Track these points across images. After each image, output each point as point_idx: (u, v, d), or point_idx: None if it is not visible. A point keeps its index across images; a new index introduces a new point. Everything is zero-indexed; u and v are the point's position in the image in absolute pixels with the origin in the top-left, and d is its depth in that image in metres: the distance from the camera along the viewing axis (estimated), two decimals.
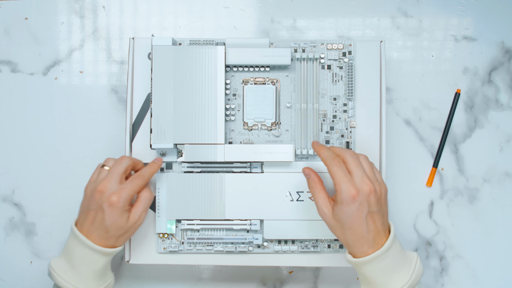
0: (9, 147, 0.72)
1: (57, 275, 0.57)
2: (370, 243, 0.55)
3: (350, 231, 0.56)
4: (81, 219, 0.59)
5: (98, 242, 0.58)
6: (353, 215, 0.55)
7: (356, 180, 0.56)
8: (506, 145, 0.72)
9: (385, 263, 0.55)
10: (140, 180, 0.60)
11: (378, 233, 0.56)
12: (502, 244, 0.71)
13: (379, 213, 0.56)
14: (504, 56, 0.73)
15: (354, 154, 0.58)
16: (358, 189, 0.55)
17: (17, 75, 0.73)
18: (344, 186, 0.55)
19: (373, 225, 0.55)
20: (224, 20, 0.73)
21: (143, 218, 0.61)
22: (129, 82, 0.66)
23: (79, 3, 0.73)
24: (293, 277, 0.72)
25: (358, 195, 0.55)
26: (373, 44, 0.66)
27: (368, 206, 0.55)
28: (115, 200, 0.57)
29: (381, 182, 0.58)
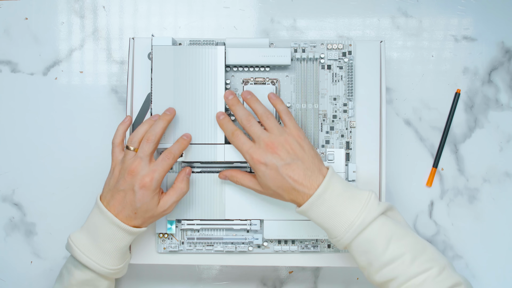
0: (9, 147, 0.72)
1: (78, 249, 0.57)
2: (303, 192, 0.55)
3: (279, 189, 0.57)
4: (107, 196, 0.59)
5: (125, 221, 0.58)
6: (269, 175, 0.56)
7: (256, 144, 0.58)
8: (506, 145, 0.72)
9: (327, 205, 0.55)
10: (170, 159, 0.59)
11: (307, 179, 0.55)
12: (502, 244, 0.71)
13: (296, 162, 0.56)
14: (504, 56, 0.73)
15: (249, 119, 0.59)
16: (259, 152, 0.57)
17: (17, 75, 0.73)
18: (247, 156, 0.58)
19: (295, 174, 0.56)
20: (224, 20, 0.73)
21: (172, 208, 0.61)
22: (129, 82, 0.66)
23: (79, 3, 0.73)
24: (293, 277, 0.72)
25: (261, 157, 0.56)
26: (373, 44, 0.66)
27: (278, 160, 0.56)
28: (147, 181, 0.57)
29: (290, 132, 0.58)
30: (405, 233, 0.55)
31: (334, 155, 0.65)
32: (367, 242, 0.54)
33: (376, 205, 0.54)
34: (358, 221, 0.53)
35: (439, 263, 0.53)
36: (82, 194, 0.71)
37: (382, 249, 0.53)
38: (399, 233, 0.54)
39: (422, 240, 0.55)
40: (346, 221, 0.54)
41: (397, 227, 0.55)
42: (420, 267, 0.52)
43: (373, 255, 0.53)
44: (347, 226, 0.54)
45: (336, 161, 0.65)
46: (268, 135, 0.58)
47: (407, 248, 0.53)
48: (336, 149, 0.65)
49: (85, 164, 0.71)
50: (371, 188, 0.65)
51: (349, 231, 0.54)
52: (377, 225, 0.54)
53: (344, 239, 0.54)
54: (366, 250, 0.54)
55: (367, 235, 0.53)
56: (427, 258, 0.53)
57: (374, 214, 0.54)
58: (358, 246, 0.54)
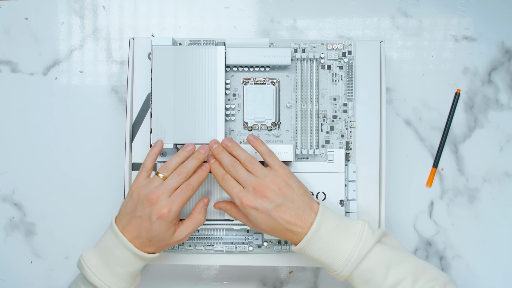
0: (9, 147, 0.72)
1: (89, 270, 0.57)
2: (297, 232, 0.55)
3: (272, 231, 0.57)
4: (123, 221, 0.58)
5: (140, 247, 0.58)
6: (261, 219, 0.56)
7: (245, 189, 0.57)
8: (506, 145, 0.72)
9: (323, 242, 0.55)
10: (189, 191, 0.59)
11: (299, 218, 0.55)
12: (502, 244, 0.71)
13: (286, 203, 0.56)
14: (504, 56, 0.73)
15: (234, 165, 0.59)
16: (248, 196, 0.56)
17: (17, 75, 0.73)
18: (237, 201, 0.57)
19: (287, 215, 0.55)
20: (224, 20, 0.73)
21: (187, 238, 0.61)
22: (129, 82, 0.66)
23: (79, 3, 0.73)
24: (293, 277, 0.72)
25: (251, 202, 0.56)
26: (373, 44, 0.66)
27: (268, 203, 0.56)
28: (165, 212, 0.56)
29: (276, 172, 0.58)
30: (403, 257, 0.55)
31: (334, 155, 0.65)
32: (367, 272, 0.54)
33: (370, 235, 0.55)
34: (355, 253, 0.54)
35: (440, 281, 0.54)
36: (82, 194, 0.71)
37: (382, 277, 0.53)
38: (397, 258, 0.54)
39: (420, 261, 0.56)
40: (344, 255, 0.54)
41: (394, 252, 0.55)
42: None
43: (374, 284, 0.54)
44: (345, 260, 0.54)
45: (336, 161, 0.65)
46: (255, 178, 0.57)
47: (407, 271, 0.54)
48: (336, 149, 0.65)
49: (85, 164, 0.71)
50: (371, 187, 0.65)
51: (348, 264, 0.54)
52: (374, 254, 0.54)
53: (343, 272, 0.54)
54: (367, 280, 0.54)
55: (366, 265, 0.54)
56: (428, 279, 0.54)
57: (370, 244, 0.54)
58: (359, 277, 0.54)
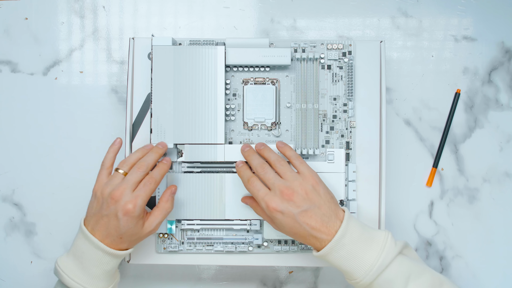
0: (9, 147, 0.72)
1: (65, 274, 0.57)
2: (321, 238, 0.55)
3: (295, 236, 0.57)
4: (91, 221, 0.58)
5: (112, 245, 0.58)
6: (286, 223, 0.56)
7: (272, 191, 0.57)
8: (506, 145, 0.72)
9: (346, 250, 0.55)
10: (152, 184, 0.59)
11: (325, 225, 0.55)
12: (502, 244, 0.71)
13: (312, 209, 0.56)
14: (504, 56, 0.73)
15: (263, 166, 0.59)
16: (275, 200, 0.56)
17: (17, 75, 0.73)
18: (263, 203, 0.57)
19: (312, 221, 0.55)
20: (224, 20, 0.73)
21: (158, 227, 0.60)
22: (129, 82, 0.66)
23: (79, 3, 0.73)
24: (293, 277, 0.72)
25: (278, 205, 0.56)
26: (373, 44, 0.66)
27: (294, 208, 0.55)
28: (130, 208, 0.56)
29: (305, 177, 0.58)
30: (422, 271, 0.55)
31: (334, 155, 0.65)
32: (387, 283, 0.54)
33: (393, 246, 0.55)
34: (377, 263, 0.54)
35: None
36: (82, 194, 0.71)
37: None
38: (416, 271, 0.55)
39: (438, 275, 0.56)
40: (366, 264, 0.54)
41: (414, 265, 0.55)
42: None
43: None
44: (367, 269, 0.54)
45: (336, 161, 0.65)
46: (283, 182, 0.57)
47: (425, 285, 0.54)
48: (336, 149, 0.65)
49: (85, 164, 0.71)
50: (371, 187, 0.65)
51: (369, 274, 0.54)
52: (395, 265, 0.54)
53: (364, 281, 0.54)
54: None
55: (387, 275, 0.54)
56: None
57: (392, 255, 0.54)
58: (378, 286, 0.54)
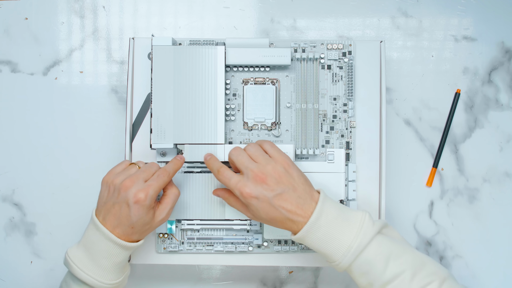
0: (9, 147, 0.72)
1: (76, 266, 0.57)
2: (297, 221, 0.55)
3: (272, 221, 0.56)
4: (102, 211, 0.58)
5: (122, 237, 0.57)
6: (261, 208, 0.55)
7: (245, 176, 0.57)
8: (506, 145, 0.72)
9: (323, 231, 0.54)
10: (165, 176, 0.59)
11: (300, 207, 0.55)
12: (502, 244, 0.71)
13: (287, 191, 0.55)
14: (504, 56, 0.73)
15: (236, 149, 0.59)
16: (248, 185, 0.56)
17: (17, 75, 0.73)
18: (236, 191, 0.56)
19: (288, 204, 0.55)
20: (224, 20, 0.73)
21: (169, 215, 0.61)
22: (129, 82, 0.66)
23: (79, 3, 0.73)
24: (293, 277, 0.72)
25: (252, 190, 0.55)
26: (373, 44, 0.66)
27: (269, 192, 0.55)
28: (142, 197, 0.56)
29: (277, 160, 0.57)
30: (403, 250, 0.54)
31: (334, 155, 0.65)
32: (366, 263, 0.53)
33: (371, 226, 0.54)
34: (355, 244, 0.53)
35: (439, 276, 0.53)
36: (82, 194, 0.71)
37: (381, 269, 0.53)
38: (397, 251, 0.54)
39: (420, 254, 0.55)
40: (344, 245, 0.54)
41: (395, 244, 0.55)
42: (420, 283, 0.52)
43: (373, 275, 0.53)
44: (345, 250, 0.53)
45: (336, 161, 0.65)
46: (255, 165, 0.57)
47: (407, 265, 0.53)
48: (336, 149, 0.65)
49: (85, 164, 0.71)
50: (371, 187, 0.65)
51: (347, 255, 0.53)
52: (374, 245, 0.54)
53: (343, 263, 0.54)
54: (366, 271, 0.54)
55: (366, 256, 0.53)
56: (427, 273, 0.53)
57: (370, 235, 0.54)
58: (358, 268, 0.54)
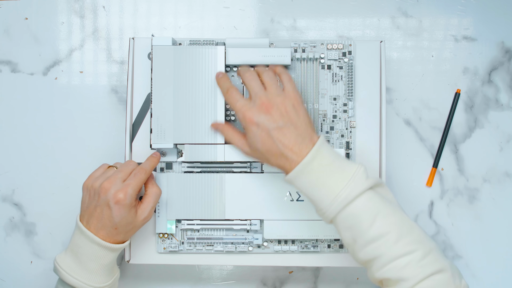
0: (9, 147, 0.72)
1: (64, 271, 0.57)
2: (291, 159, 0.54)
3: (268, 153, 0.55)
4: (86, 215, 0.58)
5: (107, 238, 0.58)
6: (259, 137, 0.55)
7: (252, 101, 0.56)
8: (506, 145, 0.72)
9: (314, 175, 0.53)
10: (142, 174, 0.59)
11: (297, 145, 0.54)
12: (502, 244, 0.71)
13: (288, 127, 0.55)
14: (504, 56, 0.73)
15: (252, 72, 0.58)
16: (253, 110, 0.55)
17: (17, 75, 0.73)
18: (240, 114, 0.56)
19: (286, 139, 0.54)
20: (224, 20, 0.73)
21: (152, 214, 0.61)
22: (129, 82, 0.66)
23: (79, 3, 0.73)
24: (293, 277, 0.72)
25: (254, 116, 0.55)
26: (373, 44, 0.66)
27: (271, 122, 0.54)
28: (121, 197, 0.56)
29: (287, 94, 0.57)
30: (393, 211, 0.52)
31: None
32: (353, 217, 0.51)
33: (363, 179, 0.52)
34: (344, 194, 0.51)
35: (424, 246, 0.51)
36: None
37: (367, 226, 0.51)
38: (386, 211, 0.52)
39: (410, 220, 0.53)
40: (332, 193, 0.52)
41: (385, 204, 0.52)
42: (404, 248, 0.50)
43: (358, 231, 0.51)
44: (333, 199, 0.52)
45: None
46: (265, 93, 0.56)
47: (393, 226, 0.51)
48: (336, 149, 0.65)
49: (85, 164, 0.71)
50: None
51: (334, 204, 0.51)
52: (363, 200, 0.52)
53: (329, 212, 0.52)
54: (351, 226, 0.52)
55: (353, 209, 0.51)
56: (413, 240, 0.51)
57: (361, 188, 0.52)
58: (343, 221, 0.52)
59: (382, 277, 0.51)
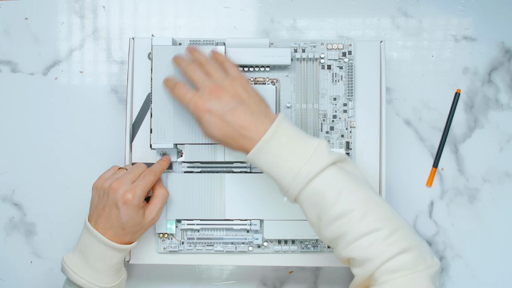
0: (9, 147, 0.72)
1: (72, 271, 0.57)
2: (249, 138, 0.53)
3: (225, 138, 0.54)
4: (94, 215, 0.59)
5: (114, 239, 0.58)
6: (214, 123, 0.54)
7: (200, 91, 0.56)
8: (506, 145, 0.72)
9: (274, 153, 0.52)
10: (151, 176, 0.60)
11: (253, 123, 0.53)
12: (502, 244, 0.71)
13: (240, 106, 0.54)
14: (504, 56, 0.73)
15: (193, 65, 0.58)
16: (203, 98, 0.55)
17: (17, 75, 0.73)
18: (191, 105, 0.55)
19: (240, 119, 0.53)
20: (224, 20, 0.73)
21: (159, 215, 0.61)
22: (129, 82, 0.66)
23: (79, 3, 0.73)
24: (293, 277, 0.72)
25: (205, 103, 0.54)
26: (373, 44, 0.66)
27: (223, 106, 0.54)
28: (130, 197, 0.57)
29: (235, 77, 0.56)
30: (358, 187, 0.50)
31: None
32: (316, 194, 0.50)
33: (326, 154, 0.51)
34: (305, 169, 0.50)
35: (391, 223, 0.49)
36: (82, 194, 0.71)
37: (331, 203, 0.49)
38: (351, 187, 0.50)
39: (377, 197, 0.51)
40: (294, 170, 0.50)
41: (350, 180, 0.51)
42: (369, 226, 0.48)
43: (322, 209, 0.50)
44: (294, 175, 0.50)
45: None
46: (211, 80, 0.56)
47: (358, 203, 0.49)
48: (336, 149, 0.65)
49: (85, 164, 0.71)
50: None
51: (296, 180, 0.50)
52: (327, 175, 0.50)
53: (291, 190, 0.51)
54: (315, 203, 0.50)
55: (316, 185, 0.50)
56: (378, 217, 0.49)
57: (323, 163, 0.50)
58: (307, 199, 0.51)
59: (348, 256, 0.50)
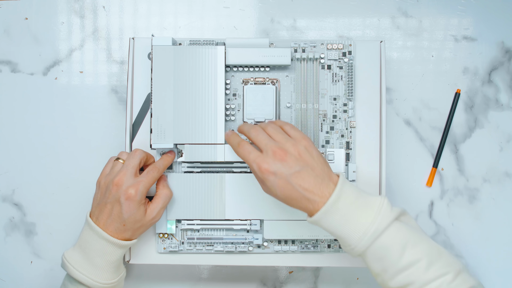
0: (9, 147, 0.72)
1: (72, 266, 0.58)
2: (314, 201, 0.53)
3: (288, 199, 0.55)
4: (96, 211, 0.59)
5: (115, 235, 0.58)
6: (278, 185, 0.54)
7: (264, 153, 0.55)
8: (506, 145, 0.72)
9: (340, 214, 0.53)
10: (155, 172, 0.60)
11: (318, 187, 0.54)
12: (502, 244, 0.71)
13: (305, 170, 0.54)
14: (504, 56, 0.73)
15: (256, 128, 0.58)
16: (267, 161, 0.55)
17: (17, 75, 0.73)
18: (255, 165, 0.55)
19: (305, 182, 0.54)
20: (224, 20, 0.73)
21: (161, 215, 0.62)
22: (129, 82, 0.66)
23: (79, 3, 0.73)
24: (293, 277, 0.72)
25: (270, 166, 0.54)
26: (373, 44, 0.66)
27: (287, 169, 0.54)
28: (132, 193, 0.57)
29: (297, 139, 0.56)
30: (420, 239, 0.54)
31: (334, 155, 0.65)
32: (382, 249, 0.53)
33: (389, 211, 0.53)
34: (372, 228, 0.52)
35: (454, 268, 0.53)
36: (82, 194, 0.71)
37: (397, 256, 0.52)
38: (414, 239, 0.53)
39: (437, 245, 0.54)
40: (360, 229, 0.53)
41: (412, 232, 0.54)
42: (436, 273, 0.52)
43: (388, 262, 0.53)
44: (362, 234, 0.52)
45: (336, 161, 0.65)
46: (275, 143, 0.56)
47: (423, 254, 0.53)
48: (336, 149, 0.65)
49: (85, 164, 0.71)
50: (371, 187, 0.65)
51: (364, 239, 0.52)
52: (391, 231, 0.53)
53: (358, 247, 0.53)
54: (381, 257, 0.53)
55: (382, 242, 0.53)
56: (443, 264, 0.53)
57: (388, 221, 0.53)
58: (373, 254, 0.53)
59: None
